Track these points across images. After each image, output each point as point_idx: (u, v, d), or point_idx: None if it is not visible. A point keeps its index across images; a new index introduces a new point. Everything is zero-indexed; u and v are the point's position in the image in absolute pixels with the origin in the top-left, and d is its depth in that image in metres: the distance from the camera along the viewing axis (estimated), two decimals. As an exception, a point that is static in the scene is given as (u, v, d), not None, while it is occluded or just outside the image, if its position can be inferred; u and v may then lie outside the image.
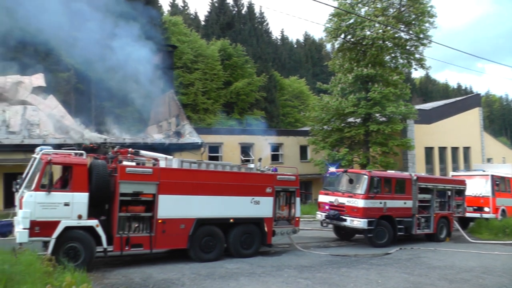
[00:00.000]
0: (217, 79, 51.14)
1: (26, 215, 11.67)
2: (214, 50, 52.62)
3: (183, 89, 46.04)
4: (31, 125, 28.49)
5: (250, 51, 57.37)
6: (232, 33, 60.82)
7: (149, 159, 14.43)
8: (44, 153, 12.63)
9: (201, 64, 50.36)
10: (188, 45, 50.80)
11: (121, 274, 12.28)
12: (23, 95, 30.14)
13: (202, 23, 70.50)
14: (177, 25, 53.48)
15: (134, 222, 13.30)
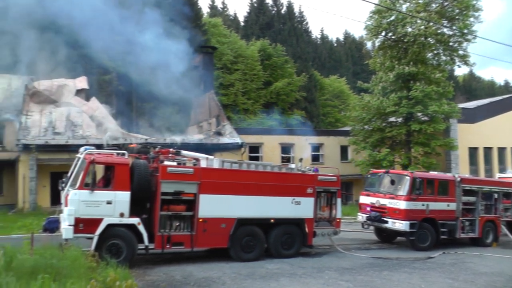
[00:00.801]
0: (257, 79, 51.22)
1: (71, 212, 12.10)
2: (253, 51, 52.72)
3: (223, 89, 46.36)
4: (75, 126, 29.41)
5: (290, 50, 57.14)
6: (272, 33, 60.73)
7: (190, 159, 14.59)
8: (88, 153, 13.02)
9: (241, 65, 50.56)
10: (228, 46, 51.12)
11: (162, 272, 12.47)
12: (68, 97, 31.32)
13: (242, 24, 70.75)
14: (217, 27, 53.91)
15: (175, 221, 13.47)
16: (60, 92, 31.32)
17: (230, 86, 48.54)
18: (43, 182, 27.75)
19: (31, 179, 27.02)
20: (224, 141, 31.26)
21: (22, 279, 8.41)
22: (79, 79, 32.67)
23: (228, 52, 50.30)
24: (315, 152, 38.28)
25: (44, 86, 31.39)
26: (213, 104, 35.89)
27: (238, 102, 47.99)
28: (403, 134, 33.17)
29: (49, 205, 26.78)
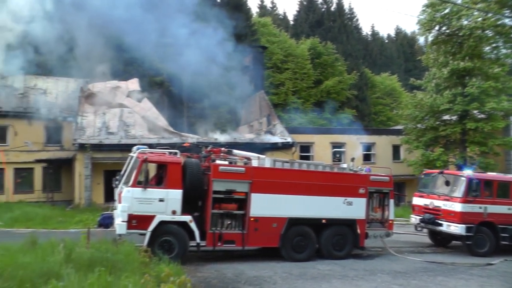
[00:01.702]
0: (307, 78, 50.98)
1: (124, 209, 12.49)
2: (303, 49, 52.50)
3: (273, 89, 46.41)
4: (128, 126, 30.26)
5: (340, 48, 56.49)
6: (322, 31, 60.22)
7: (241, 158, 14.69)
8: (141, 152, 13.38)
9: (291, 64, 50.46)
10: (278, 45, 51.15)
11: (213, 269, 12.63)
12: (120, 98, 32.27)
13: (291, 23, 70.60)
14: (266, 26, 54.05)
15: (227, 219, 13.62)
16: (113, 94, 32.38)
17: (281, 85, 48.55)
18: (97, 179, 28.70)
19: (86, 177, 27.98)
20: (274, 140, 31.22)
21: (80, 270, 8.79)
22: (131, 81, 33.67)
23: (278, 51, 50.33)
24: (367, 152, 37.59)
25: (98, 89, 32.60)
26: (264, 103, 35.95)
27: (288, 101, 47.89)
28: (458, 133, 31.87)
29: (103, 202, 27.68)
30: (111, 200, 20.51)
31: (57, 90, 34.34)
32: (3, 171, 30.23)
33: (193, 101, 34.53)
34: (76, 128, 29.33)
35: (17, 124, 31.66)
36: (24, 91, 33.56)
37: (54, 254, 10.17)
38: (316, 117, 45.21)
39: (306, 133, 35.76)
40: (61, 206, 27.81)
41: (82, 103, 31.34)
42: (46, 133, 32.23)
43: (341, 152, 35.85)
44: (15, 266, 8.87)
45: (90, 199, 27.84)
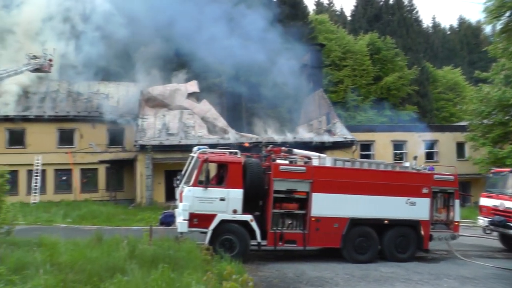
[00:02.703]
0: (366, 74, 49.99)
1: (186, 207, 12.73)
2: (362, 45, 51.51)
3: (332, 86, 45.86)
4: (187, 127, 30.86)
5: (400, 42, 54.86)
6: (380, 25, 58.70)
7: (301, 157, 14.57)
8: (201, 152, 13.57)
9: (350, 61, 49.67)
10: (336, 42, 50.49)
11: (274, 268, 12.57)
12: (180, 100, 33.04)
13: (349, 18, 69.48)
14: (324, 23, 53.49)
15: (288, 219, 13.54)
16: (172, 96, 33.18)
17: (339, 83, 47.90)
18: (158, 179, 29.48)
19: (148, 177, 28.74)
20: (334, 139, 30.80)
21: (144, 266, 9.09)
22: (190, 83, 34.40)
23: (336, 48, 49.69)
24: (429, 150, 36.29)
25: (157, 91, 33.48)
26: (323, 101, 35.56)
27: (347, 98, 47.14)
28: (531, 128, 30.08)
29: (164, 201, 28.34)
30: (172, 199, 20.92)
31: (118, 95, 35.75)
32: (71, 171, 31.67)
33: (251, 101, 34.70)
34: (137, 130, 30.25)
35: (83, 128, 33.38)
36: (88, 96, 35.29)
37: (118, 250, 10.59)
38: (376, 115, 44.22)
39: (366, 131, 35.07)
40: (123, 204, 28.78)
41: (142, 106, 32.37)
42: (109, 135, 33.79)
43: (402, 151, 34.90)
44: (84, 260, 9.32)
45: (151, 198, 28.58)
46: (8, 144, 32.54)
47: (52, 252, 10.19)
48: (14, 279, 7.89)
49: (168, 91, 33.37)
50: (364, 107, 46.40)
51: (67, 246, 11.21)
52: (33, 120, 32.73)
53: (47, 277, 7.98)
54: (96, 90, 35.87)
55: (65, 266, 9.00)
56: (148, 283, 8.01)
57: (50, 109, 33.53)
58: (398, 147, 35.51)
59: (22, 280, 7.90)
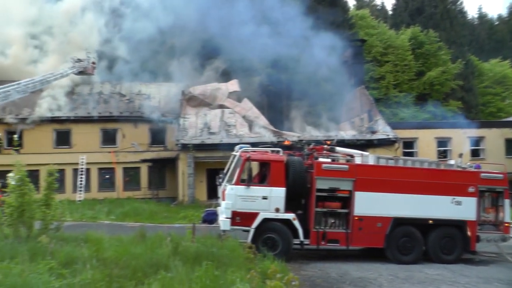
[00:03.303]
0: (408, 70, 48.75)
1: (228, 206, 12.82)
2: (404, 40, 50.23)
3: (373, 83, 44.95)
4: (229, 126, 31.01)
5: (444, 36, 53.12)
6: (423, 18, 56.98)
7: (344, 155, 14.40)
8: (243, 151, 13.63)
9: (391, 56, 48.58)
10: (377, 37, 49.48)
11: (317, 268, 12.49)
12: (221, 100, 33.26)
13: (390, 13, 67.97)
14: (364, 19, 52.54)
15: (330, 218, 13.43)
16: (213, 95, 33.46)
17: (381, 79, 46.92)
18: (200, 177, 29.75)
19: (189, 175, 29.09)
20: (377, 136, 30.29)
21: (187, 263, 9.17)
22: (231, 82, 34.59)
23: (377, 43, 48.72)
24: (475, 147, 35.10)
25: (199, 91, 33.82)
26: (365, 98, 34.97)
27: (389, 95, 46.17)
28: None
29: (206, 199, 28.57)
30: (214, 197, 21.16)
31: (159, 95, 36.29)
32: (114, 170, 32.39)
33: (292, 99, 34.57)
34: (178, 130, 30.64)
35: (125, 127, 34.14)
36: (130, 97, 36.03)
37: (162, 246, 10.79)
38: (419, 111, 43.08)
39: (409, 128, 34.22)
40: (165, 202, 29.19)
41: (184, 106, 32.75)
42: (151, 134, 34.36)
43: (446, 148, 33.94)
44: (128, 256, 9.55)
45: (193, 196, 28.90)
46: (56, 144, 33.73)
47: (98, 247, 10.48)
48: (64, 273, 8.14)
49: (209, 91, 33.69)
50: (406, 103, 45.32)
51: (112, 242, 11.51)
52: (78, 121, 33.80)
53: (94, 271, 8.20)
54: (138, 91, 36.56)
55: (110, 262, 9.23)
56: (192, 280, 8.06)
57: (94, 110, 34.41)
58: (442, 144, 34.52)
59: (71, 274, 8.13)
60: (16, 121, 32.43)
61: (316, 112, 34.61)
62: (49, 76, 27.98)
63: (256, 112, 32.69)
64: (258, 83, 34.17)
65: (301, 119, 34.04)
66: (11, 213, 10.91)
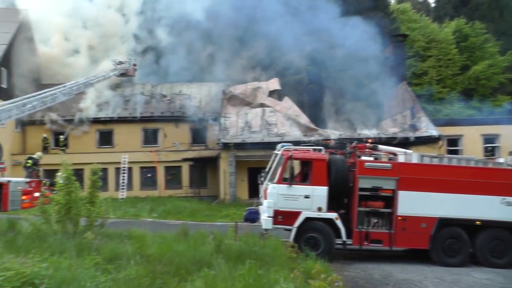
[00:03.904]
0: (452, 64, 47.27)
1: (270, 205, 12.79)
2: (448, 33, 48.69)
3: (416, 79, 43.94)
4: (270, 125, 31.00)
5: (491, 27, 51.07)
6: (468, 10, 54.97)
7: (387, 153, 14.11)
8: (285, 149, 13.54)
9: (434, 50, 47.24)
10: (419, 31, 48.21)
11: (360, 268, 12.28)
12: (261, 98, 33.41)
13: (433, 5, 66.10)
14: (406, 13, 51.34)
15: (373, 217, 13.19)
16: (254, 94, 33.66)
17: (424, 75, 45.74)
18: (241, 176, 29.85)
19: (231, 174, 29.25)
20: (420, 134, 29.54)
21: (230, 261, 9.19)
22: (271, 81, 34.67)
23: (419, 38, 47.46)
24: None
25: (239, 90, 34.13)
26: (407, 95, 34.19)
27: (432, 91, 44.91)
28: None
29: (247, 198, 28.66)
30: (255, 196, 21.16)
31: (200, 95, 36.63)
32: (156, 169, 32.93)
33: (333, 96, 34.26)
34: (219, 129, 30.87)
35: (166, 127, 34.71)
36: (171, 97, 36.53)
37: (204, 244, 10.82)
38: (464, 107, 41.74)
39: (454, 125, 33.15)
40: (207, 201, 29.40)
41: (224, 105, 33.10)
42: (192, 134, 34.74)
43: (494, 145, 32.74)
44: (171, 253, 9.64)
45: (234, 194, 29.03)
46: (99, 144, 34.74)
47: (141, 244, 10.61)
48: (109, 268, 8.30)
49: (249, 90, 33.87)
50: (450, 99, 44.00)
51: (155, 239, 11.62)
52: (120, 122, 34.62)
53: (138, 267, 8.33)
54: (179, 91, 37.05)
55: (153, 258, 9.35)
56: (235, 278, 8.06)
57: (136, 111, 35.12)
58: (489, 141, 33.27)
59: (116, 269, 8.28)
60: (62, 122, 33.56)
61: (358, 109, 34.17)
62: (92, 78, 28.80)
63: (297, 110, 32.58)
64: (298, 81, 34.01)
65: (342, 117, 33.69)
66: (59, 210, 11.22)
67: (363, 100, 33.44)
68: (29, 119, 32.15)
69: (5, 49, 30.47)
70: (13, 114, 20.06)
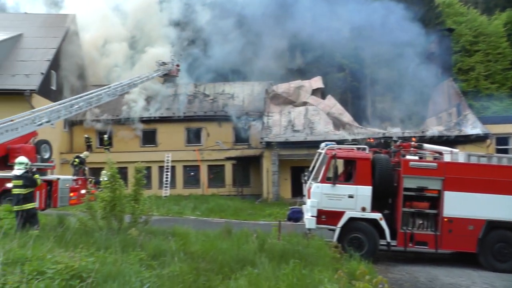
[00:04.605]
0: (502, 59, 45.43)
1: (314, 204, 12.69)
2: (497, 26, 46.75)
3: (462, 75, 42.60)
4: (313, 124, 30.83)
5: (546, 18, 48.76)
6: (521, 0, 52.59)
7: (432, 152, 13.79)
8: (329, 148, 13.43)
9: (482, 45, 45.56)
10: (466, 25, 46.62)
11: (404, 271, 12.02)
12: (304, 97, 33.36)
13: (481, -2, 63.74)
14: (452, 6, 49.80)
15: (418, 218, 12.89)
16: (297, 93, 33.66)
17: (470, 70, 44.24)
18: (284, 175, 29.88)
19: (274, 173, 29.30)
20: (466, 132, 28.65)
21: (273, 261, 9.15)
22: (314, 79, 34.57)
23: (466, 32, 45.89)
24: None
25: (282, 89, 34.18)
26: (453, 92, 33.24)
27: (480, 87, 43.43)
28: None
29: (290, 197, 28.69)
30: (298, 195, 21.11)
31: (243, 94, 36.94)
32: (199, 168, 33.38)
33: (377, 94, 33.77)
34: (262, 128, 31.01)
35: (209, 126, 35.19)
36: (213, 96, 37.02)
37: (248, 243, 10.84)
38: (514, 104, 40.15)
39: (503, 123, 31.85)
40: (250, 199, 29.56)
41: (267, 104, 33.22)
42: (235, 133, 35.05)
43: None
44: (214, 251, 9.69)
45: (277, 193, 29.08)
46: (142, 143, 35.59)
47: (184, 241, 10.76)
48: (153, 264, 8.45)
49: (292, 88, 33.87)
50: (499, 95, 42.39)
51: (198, 236, 11.78)
52: (163, 121, 35.36)
53: (182, 264, 8.42)
54: (222, 91, 37.49)
55: (197, 256, 9.44)
56: (279, 278, 8.04)
57: (179, 110, 35.76)
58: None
59: (160, 266, 8.41)
60: (106, 122, 34.61)
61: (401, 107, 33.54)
62: (136, 79, 29.49)
63: (340, 108, 32.37)
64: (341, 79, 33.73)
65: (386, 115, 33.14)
66: (104, 207, 11.52)
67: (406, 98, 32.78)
68: (76, 119, 33.40)
69: (54, 53, 31.72)
70: (61, 115, 20.78)
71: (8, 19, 36.14)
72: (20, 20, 35.37)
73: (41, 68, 29.90)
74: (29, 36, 33.04)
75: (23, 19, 35.58)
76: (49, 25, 34.61)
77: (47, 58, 30.82)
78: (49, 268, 6.72)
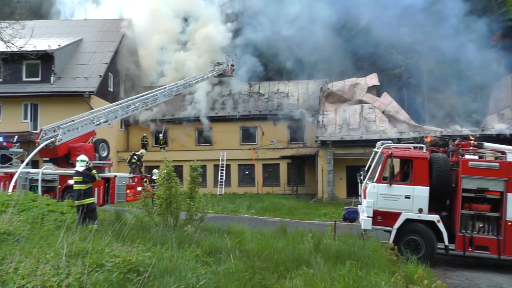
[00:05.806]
0: None
1: (370, 204, 12.45)
2: None
3: (528, 68, 40.49)
4: (368, 122, 30.40)
5: None
6: None
7: (494, 152, 13.20)
8: (385, 147, 13.15)
9: (550, 36, 43.03)
10: (533, 14, 44.19)
11: (464, 276, 11.61)
12: (360, 95, 32.95)
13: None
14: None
15: (478, 221, 12.42)
16: (352, 91, 33.33)
17: (540, 63, 41.91)
18: (339, 174, 29.61)
19: (329, 172, 29.12)
20: (531, 130, 27.26)
21: (329, 261, 9.09)
22: (369, 76, 34.06)
23: (533, 21, 43.52)
24: None
25: (337, 87, 33.92)
26: (516, 87, 31.73)
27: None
28: None
29: (345, 196, 28.45)
30: (353, 195, 20.88)
31: (298, 93, 36.89)
32: (254, 166, 33.67)
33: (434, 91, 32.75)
34: (318, 126, 30.86)
35: (264, 125, 35.43)
36: (268, 96, 37.22)
37: (303, 242, 10.80)
38: None
39: None
40: (305, 198, 29.52)
41: (322, 103, 33.01)
42: (290, 132, 35.21)
43: None
44: (270, 249, 9.67)
45: (332, 193, 28.88)
46: (198, 142, 36.44)
47: (240, 239, 10.82)
48: (208, 261, 8.59)
49: (347, 86, 33.57)
50: None
51: (253, 235, 11.80)
52: (218, 120, 35.97)
53: (237, 262, 8.48)
54: (276, 90, 37.62)
55: (252, 254, 9.45)
56: (335, 278, 7.98)
57: (234, 109, 36.20)
58: None
59: (215, 263, 8.52)
60: (162, 121, 35.63)
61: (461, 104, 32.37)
62: (191, 79, 30.15)
63: (396, 106, 31.71)
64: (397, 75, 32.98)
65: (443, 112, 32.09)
66: (160, 204, 11.83)
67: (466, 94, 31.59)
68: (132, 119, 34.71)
69: (112, 56, 33.07)
70: (118, 115, 21.70)
71: (70, 26, 38.04)
72: (80, 26, 37.21)
73: (99, 70, 31.39)
74: (88, 41, 34.79)
75: (83, 25, 37.39)
76: (107, 30, 36.23)
77: (105, 61, 32.31)
78: (108, 261, 7.00)
